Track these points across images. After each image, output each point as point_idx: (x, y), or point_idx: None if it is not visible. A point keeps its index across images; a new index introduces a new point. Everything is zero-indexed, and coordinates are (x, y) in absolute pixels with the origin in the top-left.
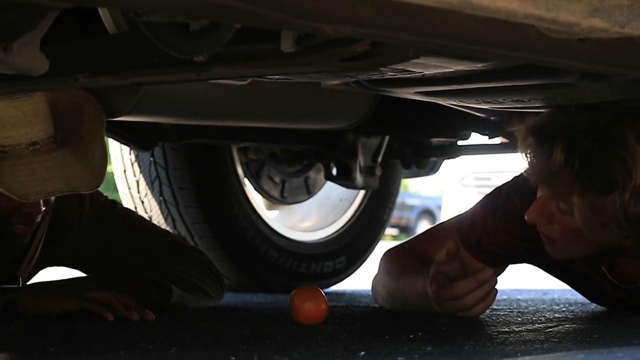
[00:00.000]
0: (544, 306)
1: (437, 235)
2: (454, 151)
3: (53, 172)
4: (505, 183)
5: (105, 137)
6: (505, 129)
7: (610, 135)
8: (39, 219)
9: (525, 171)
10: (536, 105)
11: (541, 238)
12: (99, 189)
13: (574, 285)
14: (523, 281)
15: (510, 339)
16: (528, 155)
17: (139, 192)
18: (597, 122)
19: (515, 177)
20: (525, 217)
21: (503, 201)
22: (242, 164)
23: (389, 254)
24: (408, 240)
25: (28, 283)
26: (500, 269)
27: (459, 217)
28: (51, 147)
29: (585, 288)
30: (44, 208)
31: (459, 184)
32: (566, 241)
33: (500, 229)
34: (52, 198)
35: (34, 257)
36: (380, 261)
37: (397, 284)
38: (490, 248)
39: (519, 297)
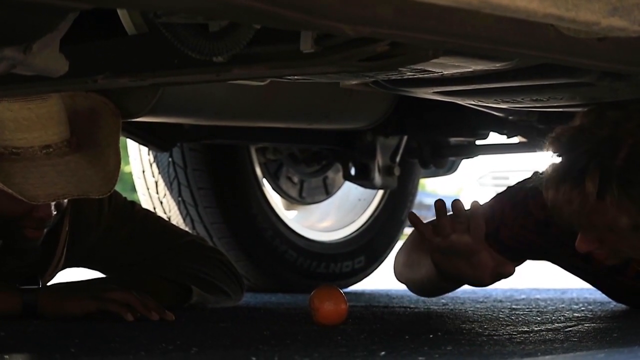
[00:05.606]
0: (563, 305)
1: None
2: (472, 150)
3: (64, 175)
4: (527, 183)
5: (123, 139)
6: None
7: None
8: (50, 223)
9: (556, 219)
10: (554, 104)
11: (557, 234)
12: (118, 190)
13: (593, 282)
14: (541, 280)
15: (530, 338)
16: (558, 201)
17: (157, 193)
18: (619, 135)
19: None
20: (576, 248)
21: (522, 197)
22: (260, 164)
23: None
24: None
25: (47, 284)
26: (516, 263)
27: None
28: (64, 151)
29: (605, 285)
30: (55, 212)
31: (477, 183)
32: (623, 253)
33: (517, 223)
34: (65, 202)
35: (60, 261)
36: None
37: (414, 255)
38: (506, 241)
39: (538, 296)
